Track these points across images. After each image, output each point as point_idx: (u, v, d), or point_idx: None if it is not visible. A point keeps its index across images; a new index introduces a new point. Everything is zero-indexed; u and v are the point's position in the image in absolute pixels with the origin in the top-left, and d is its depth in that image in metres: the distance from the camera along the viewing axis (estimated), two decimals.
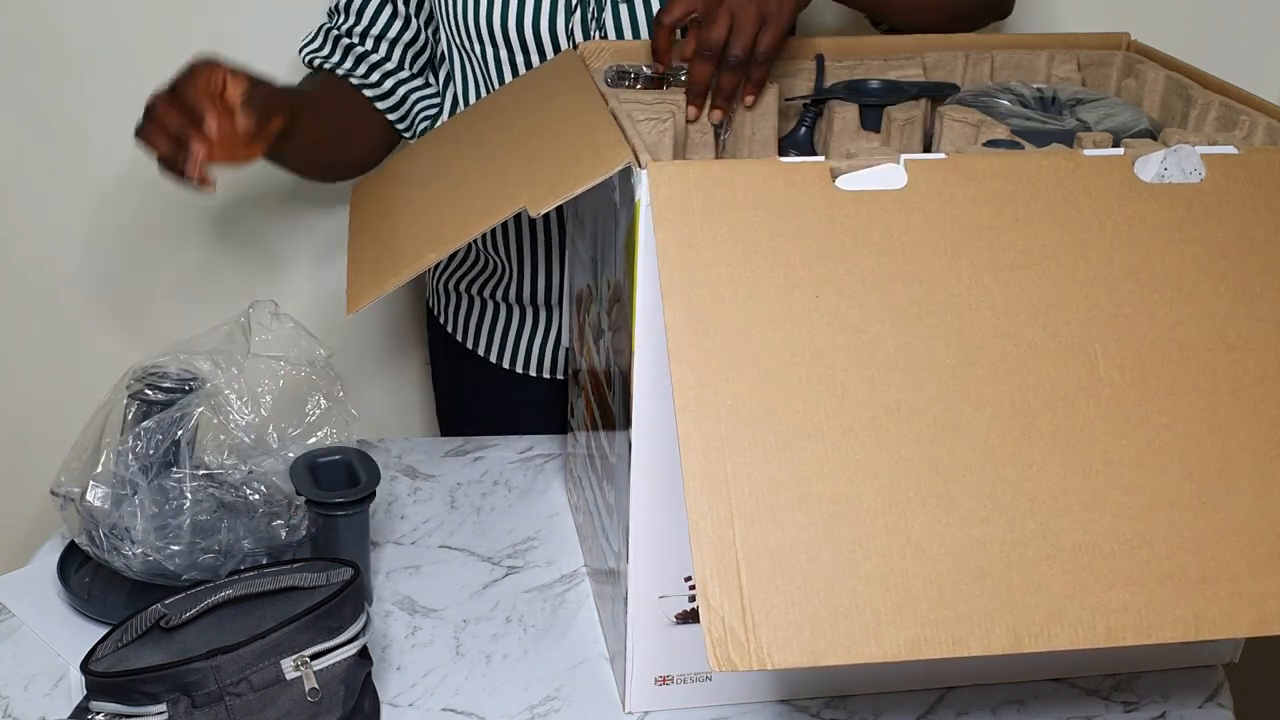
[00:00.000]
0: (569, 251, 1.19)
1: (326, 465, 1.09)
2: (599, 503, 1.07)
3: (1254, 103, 1.04)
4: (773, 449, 0.79)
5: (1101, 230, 0.87)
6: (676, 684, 1.00)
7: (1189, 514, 0.81)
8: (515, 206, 0.92)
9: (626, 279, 0.90)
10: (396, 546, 1.20)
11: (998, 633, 0.78)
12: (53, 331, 1.68)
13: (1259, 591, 0.80)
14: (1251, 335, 0.86)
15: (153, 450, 1.05)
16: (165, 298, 1.67)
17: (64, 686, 1.02)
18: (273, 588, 0.99)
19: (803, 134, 1.13)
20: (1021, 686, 1.04)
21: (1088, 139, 1.00)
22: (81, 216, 1.62)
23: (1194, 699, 1.04)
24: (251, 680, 0.91)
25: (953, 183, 0.87)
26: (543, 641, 1.08)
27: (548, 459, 1.34)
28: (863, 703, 1.02)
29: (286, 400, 1.12)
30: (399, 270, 0.95)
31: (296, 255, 1.66)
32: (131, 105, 1.57)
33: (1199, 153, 0.90)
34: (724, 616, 0.76)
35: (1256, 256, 0.88)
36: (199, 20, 1.53)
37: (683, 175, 0.84)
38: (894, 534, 0.78)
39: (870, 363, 0.82)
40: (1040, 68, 1.21)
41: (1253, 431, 0.84)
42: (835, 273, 0.83)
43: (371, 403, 1.75)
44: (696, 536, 0.77)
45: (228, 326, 1.13)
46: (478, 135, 1.08)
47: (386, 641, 1.08)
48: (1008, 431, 0.81)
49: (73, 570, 1.13)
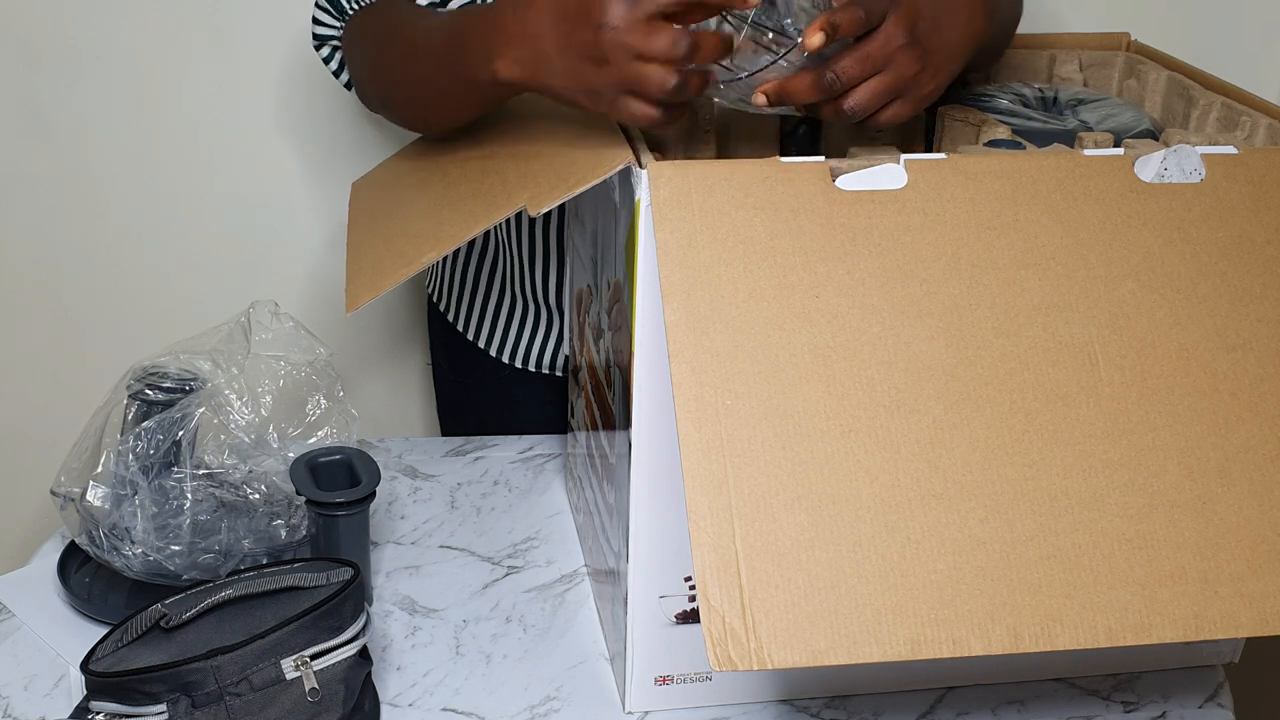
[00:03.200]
0: (569, 251, 1.19)
1: (326, 465, 1.09)
2: (599, 503, 1.07)
3: (1255, 103, 1.04)
4: (773, 449, 0.79)
5: (1101, 230, 0.87)
6: (676, 684, 1.00)
7: (1189, 514, 0.81)
8: (515, 206, 0.92)
9: (626, 279, 0.90)
10: (396, 546, 1.20)
11: (998, 633, 0.78)
12: (53, 331, 1.68)
13: (1259, 591, 0.80)
14: (1251, 335, 0.86)
15: (153, 450, 1.05)
16: (165, 298, 1.67)
17: (64, 686, 1.02)
18: (273, 588, 0.99)
19: (803, 133, 1.13)
20: (1021, 686, 1.04)
21: (1088, 139, 1.00)
22: (81, 216, 1.62)
23: (1194, 699, 1.04)
24: (251, 680, 0.91)
25: (953, 183, 0.87)
26: (543, 641, 1.08)
27: (548, 459, 1.34)
28: (863, 703, 1.02)
29: (286, 400, 1.12)
30: (398, 269, 0.95)
31: (296, 255, 1.67)
32: (132, 105, 1.58)
33: (1199, 153, 0.90)
34: (724, 616, 0.76)
35: (1256, 256, 0.88)
36: (199, 20, 1.53)
37: (683, 175, 0.84)
38: (894, 534, 0.78)
39: (870, 363, 0.82)
40: (1042, 68, 1.21)
41: (1253, 431, 0.84)
42: (835, 273, 0.83)
43: (371, 403, 1.75)
44: (696, 536, 0.77)
45: (228, 326, 1.13)
46: (477, 134, 1.08)
47: (386, 641, 1.08)
48: (1008, 431, 0.81)
49: (73, 570, 1.13)
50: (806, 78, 0.88)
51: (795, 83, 0.88)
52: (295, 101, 1.58)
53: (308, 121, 1.59)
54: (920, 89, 0.91)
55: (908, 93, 0.90)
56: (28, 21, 1.52)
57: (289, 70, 1.56)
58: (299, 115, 1.59)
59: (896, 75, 0.89)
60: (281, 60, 1.56)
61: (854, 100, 0.89)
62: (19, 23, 1.52)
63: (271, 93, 1.58)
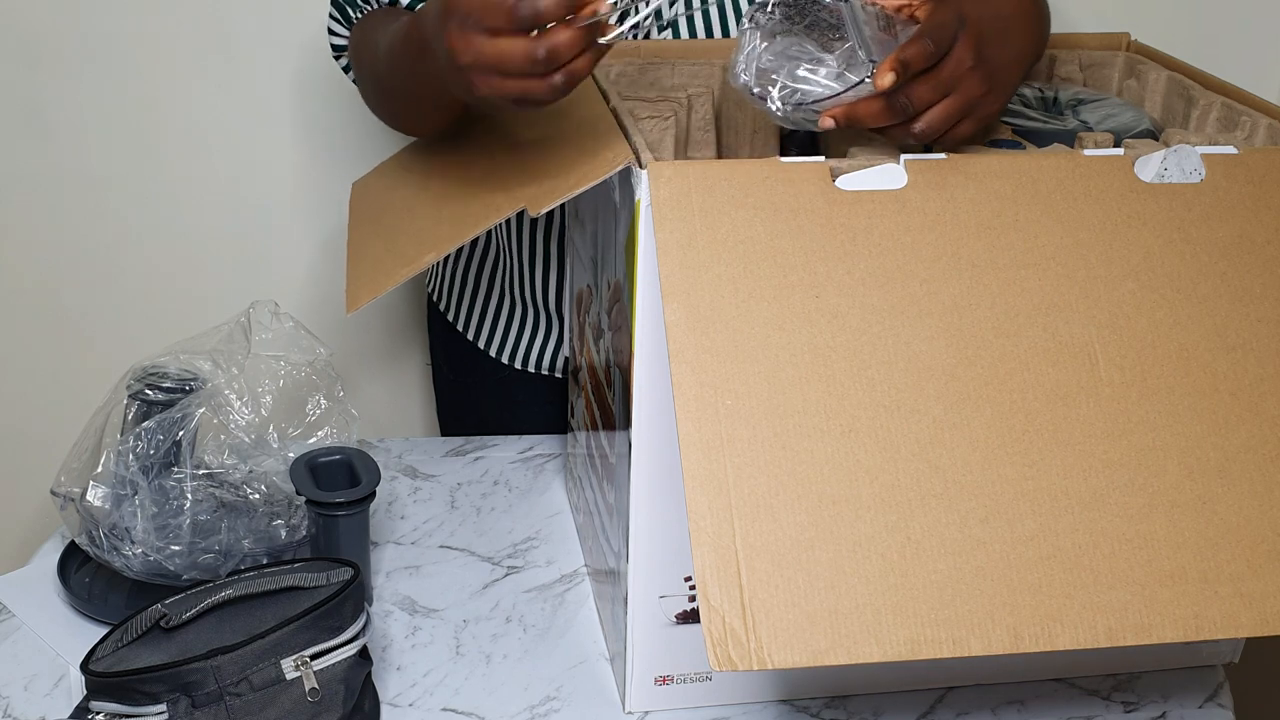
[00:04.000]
0: (569, 251, 1.19)
1: (326, 465, 1.09)
2: (599, 503, 1.07)
3: (1255, 103, 1.04)
4: (773, 449, 0.79)
5: (1101, 230, 0.87)
6: (676, 684, 1.00)
7: (1189, 514, 0.81)
8: (515, 206, 0.92)
9: (626, 279, 0.90)
10: (396, 546, 1.20)
11: (998, 633, 0.78)
12: (53, 331, 1.68)
13: (1259, 591, 0.80)
14: (1251, 335, 0.86)
15: (153, 450, 1.05)
16: (165, 298, 1.67)
17: (64, 686, 1.02)
18: (273, 588, 0.99)
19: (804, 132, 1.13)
20: (1021, 686, 1.04)
21: (1089, 139, 1.00)
22: (81, 216, 1.62)
23: (1194, 699, 1.04)
24: (251, 680, 0.91)
25: (953, 183, 0.87)
26: (543, 641, 1.08)
27: (548, 459, 1.34)
28: (863, 703, 1.02)
29: (286, 400, 1.12)
30: (398, 269, 0.96)
31: (296, 255, 1.67)
32: (132, 105, 1.58)
33: (1199, 153, 0.90)
34: (724, 616, 0.76)
35: (1256, 256, 0.88)
36: (199, 20, 1.53)
37: (683, 175, 0.84)
38: (894, 534, 0.78)
39: (870, 363, 0.82)
40: (1042, 68, 1.21)
41: (1253, 431, 0.84)
42: (835, 273, 0.83)
43: (371, 403, 1.75)
44: (696, 536, 0.77)
45: (228, 326, 1.13)
46: (478, 135, 1.08)
47: (386, 641, 1.08)
48: (1008, 431, 0.81)
49: (73, 570, 1.13)
50: (877, 104, 0.87)
51: (865, 108, 0.87)
52: (295, 101, 1.58)
53: (308, 122, 1.59)
54: (987, 108, 0.91)
55: (974, 112, 0.90)
56: (28, 21, 1.52)
57: (289, 70, 1.57)
58: (299, 115, 1.59)
59: (965, 97, 0.89)
60: (282, 60, 1.56)
61: (925, 123, 0.88)
62: (19, 23, 1.52)
63: (272, 93, 1.58)
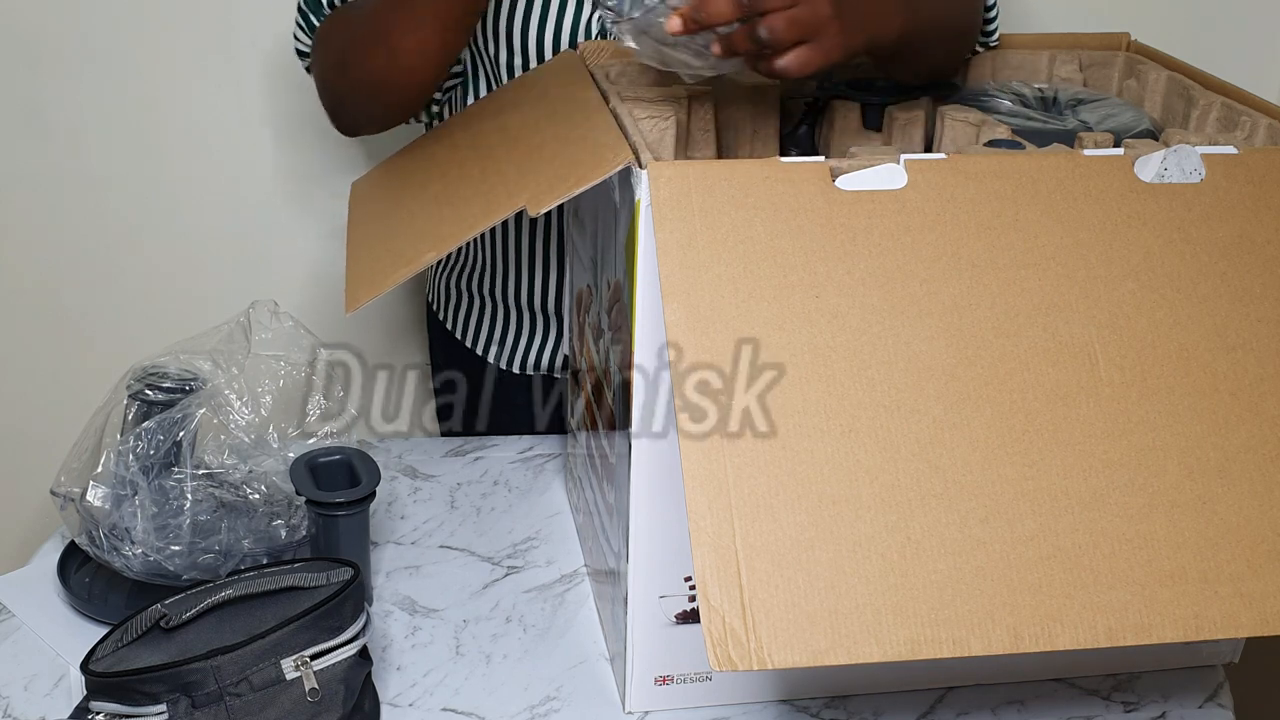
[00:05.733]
0: (569, 251, 1.19)
1: (326, 465, 1.09)
2: (599, 503, 1.07)
3: (1255, 103, 1.04)
4: (773, 449, 0.79)
5: (1101, 230, 0.87)
6: (676, 684, 1.00)
7: (1189, 514, 0.81)
8: (515, 206, 0.92)
9: (626, 279, 0.90)
10: (396, 546, 1.20)
11: (998, 633, 0.78)
12: (53, 331, 1.68)
13: (1259, 591, 0.80)
14: (1251, 335, 0.86)
15: (153, 450, 1.05)
16: (165, 298, 1.67)
17: (64, 686, 1.02)
18: (273, 588, 0.99)
19: (803, 132, 1.13)
20: (1021, 686, 1.04)
21: (1088, 139, 1.00)
22: (82, 216, 1.62)
23: (1194, 699, 1.04)
24: (251, 680, 0.91)
25: (953, 183, 0.87)
26: (543, 641, 1.08)
27: (548, 459, 1.34)
28: (863, 703, 1.02)
29: (286, 400, 1.12)
30: (398, 269, 0.95)
31: (296, 255, 1.67)
32: (131, 105, 1.58)
33: (1199, 153, 0.90)
34: (724, 616, 0.76)
35: (1256, 256, 0.88)
36: (199, 21, 1.53)
37: (683, 175, 0.84)
38: (894, 534, 0.78)
39: (870, 363, 0.82)
40: (1041, 68, 1.21)
41: (1253, 431, 0.84)
42: (835, 273, 0.83)
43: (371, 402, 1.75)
44: (696, 536, 0.77)
45: (228, 326, 1.13)
46: (477, 135, 1.08)
47: (386, 641, 1.08)
48: (1008, 431, 0.81)
49: (73, 570, 1.13)
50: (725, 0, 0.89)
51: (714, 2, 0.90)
52: (295, 101, 1.58)
53: (308, 121, 1.59)
54: (831, 39, 0.92)
55: (817, 36, 0.91)
56: (28, 21, 1.52)
57: (289, 70, 1.56)
58: (299, 115, 1.59)
59: (811, 11, 0.90)
60: (281, 60, 1.56)
61: (766, 26, 0.90)
62: (19, 23, 1.52)
63: (271, 93, 1.58)
